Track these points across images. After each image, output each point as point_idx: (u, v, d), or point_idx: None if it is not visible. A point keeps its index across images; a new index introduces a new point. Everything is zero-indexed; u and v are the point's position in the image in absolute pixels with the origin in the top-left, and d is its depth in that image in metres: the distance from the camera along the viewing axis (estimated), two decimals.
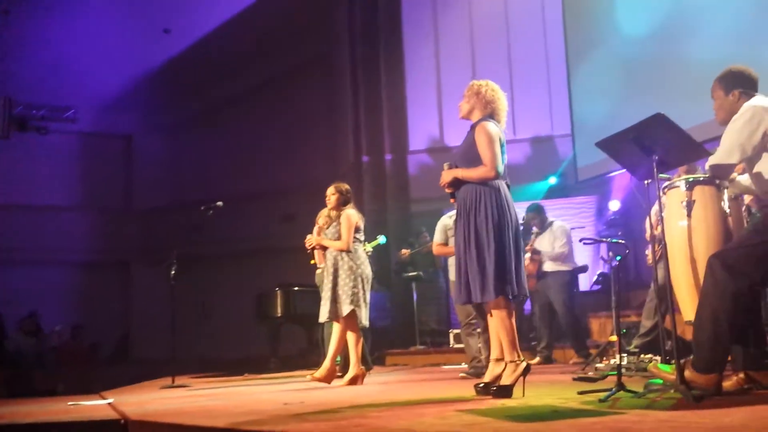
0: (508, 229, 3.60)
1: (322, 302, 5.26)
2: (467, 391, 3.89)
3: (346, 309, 5.14)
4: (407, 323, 9.19)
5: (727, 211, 3.26)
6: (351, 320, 5.17)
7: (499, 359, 3.65)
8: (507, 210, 3.63)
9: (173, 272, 6.32)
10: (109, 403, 4.60)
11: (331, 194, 5.43)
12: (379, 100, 11.40)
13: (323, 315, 5.24)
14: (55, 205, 14.09)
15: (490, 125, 3.72)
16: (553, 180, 9.92)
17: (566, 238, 6.67)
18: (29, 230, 13.47)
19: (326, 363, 5.15)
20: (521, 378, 3.54)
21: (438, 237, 5.86)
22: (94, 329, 12.33)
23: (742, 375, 3.18)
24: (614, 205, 8.86)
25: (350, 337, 5.21)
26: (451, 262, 5.76)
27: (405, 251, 7.91)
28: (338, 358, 5.40)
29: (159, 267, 6.61)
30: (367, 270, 5.32)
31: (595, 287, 8.29)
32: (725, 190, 3.30)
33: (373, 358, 7.12)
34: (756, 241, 3.03)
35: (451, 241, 5.72)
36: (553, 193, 9.82)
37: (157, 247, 12.37)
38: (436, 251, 6.02)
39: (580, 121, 9.72)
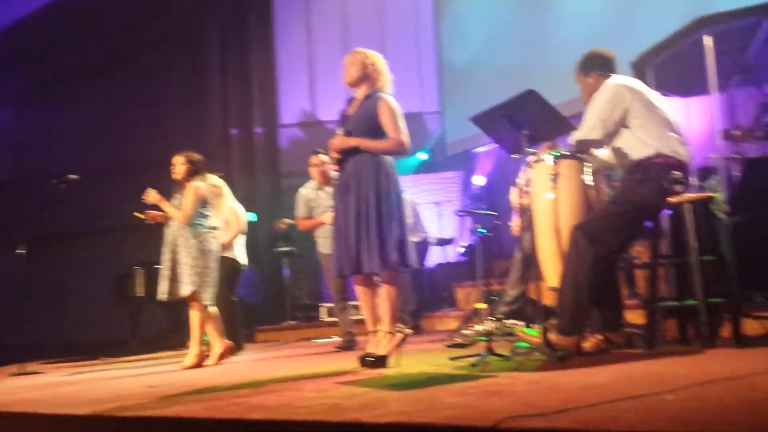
0: (402, 203, 3.68)
1: (160, 279, 4.95)
2: (342, 364, 3.89)
3: (185, 289, 4.86)
4: (278, 299, 9.09)
5: (590, 184, 3.45)
6: (198, 300, 4.93)
7: (375, 331, 3.68)
8: (399, 184, 3.71)
9: (23, 251, 5.83)
10: None
11: (180, 164, 5.07)
12: (248, 73, 11.07)
13: (160, 293, 4.93)
14: None
15: (393, 100, 3.75)
16: (423, 155, 10.11)
17: (411, 210, 6.79)
18: None
19: (193, 349, 4.91)
20: (397, 348, 3.59)
21: (301, 211, 5.70)
22: None
23: (600, 336, 3.41)
24: (479, 180, 9.18)
25: (206, 317, 4.97)
26: (320, 234, 5.69)
27: (286, 221, 7.66)
28: (205, 338, 5.17)
29: (5, 246, 6.08)
30: (213, 246, 5.05)
31: (462, 258, 8.59)
32: (587, 164, 3.49)
33: (245, 334, 6.94)
34: (614, 212, 3.25)
35: (314, 212, 5.65)
36: (421, 168, 10.03)
37: (3, 225, 11.41)
38: (301, 225, 5.76)
39: (449, 99, 9.97)
